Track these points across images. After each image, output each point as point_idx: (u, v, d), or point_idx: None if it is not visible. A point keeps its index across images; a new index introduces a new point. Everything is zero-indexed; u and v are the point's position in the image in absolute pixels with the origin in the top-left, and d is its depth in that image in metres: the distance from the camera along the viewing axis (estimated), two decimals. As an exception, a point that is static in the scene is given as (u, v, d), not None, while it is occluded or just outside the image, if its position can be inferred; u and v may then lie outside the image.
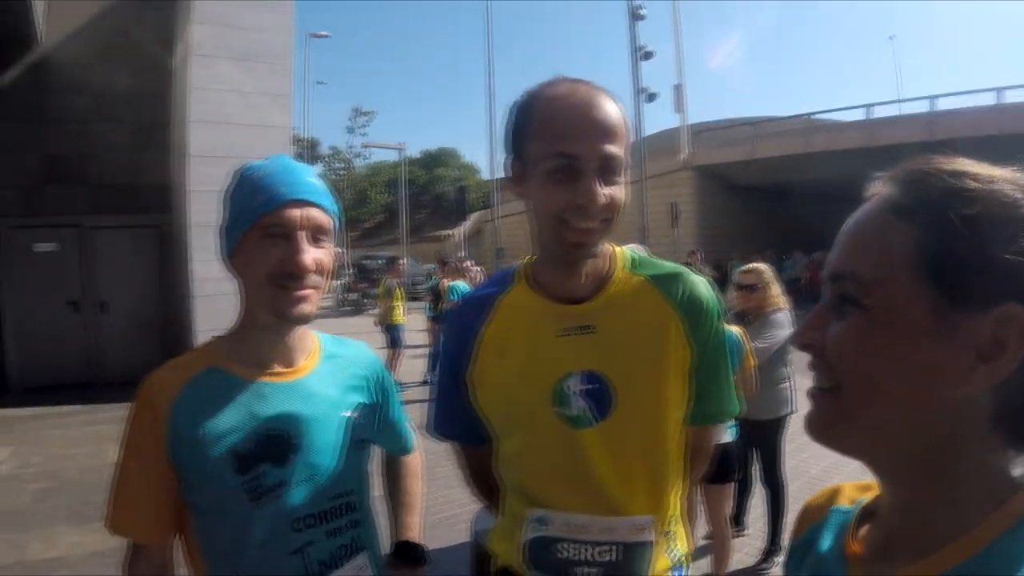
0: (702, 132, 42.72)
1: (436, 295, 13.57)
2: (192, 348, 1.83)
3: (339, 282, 28.44)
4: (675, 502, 1.80)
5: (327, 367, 1.78)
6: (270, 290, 1.58)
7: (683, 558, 1.83)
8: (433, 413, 1.98)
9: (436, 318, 13.39)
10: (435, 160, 77.48)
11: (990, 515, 0.78)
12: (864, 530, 0.95)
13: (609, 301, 1.73)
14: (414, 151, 68.51)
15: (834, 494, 1.09)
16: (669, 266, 1.81)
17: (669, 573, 1.77)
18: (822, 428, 0.86)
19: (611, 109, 1.63)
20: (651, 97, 29.53)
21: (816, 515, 1.08)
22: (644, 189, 27.74)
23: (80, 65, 11.72)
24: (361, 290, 27.05)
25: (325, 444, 1.67)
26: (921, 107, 33.68)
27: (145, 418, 1.58)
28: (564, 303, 1.74)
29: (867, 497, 1.00)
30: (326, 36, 38.78)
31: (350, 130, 50.22)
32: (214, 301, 10.49)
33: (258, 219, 1.57)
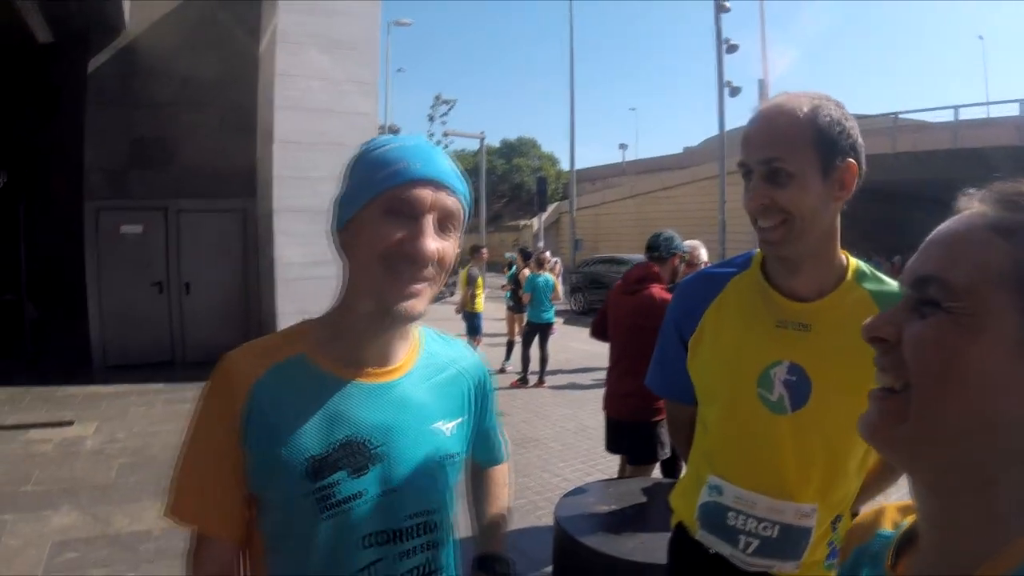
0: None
1: (516, 285, 13.57)
2: (275, 331, 1.63)
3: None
4: (846, 500, 1.93)
5: (424, 369, 1.59)
6: (381, 273, 1.38)
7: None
8: (652, 368, 2.27)
9: (515, 308, 13.40)
10: (514, 150, 77.72)
11: (1020, 535, 0.77)
12: (907, 555, 0.94)
13: (829, 306, 1.85)
14: (493, 140, 68.72)
15: (878, 516, 1.08)
16: (894, 286, 1.86)
17: (823, 560, 1.90)
18: (882, 429, 0.85)
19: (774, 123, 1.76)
20: (735, 91, 29.14)
21: (861, 538, 1.08)
22: (723, 184, 27.47)
23: (167, 50, 11.93)
24: (443, 278, 27.14)
25: (410, 457, 1.49)
26: (1011, 110, 32.55)
27: (221, 398, 1.43)
28: (788, 298, 1.88)
29: (908, 520, 0.98)
30: (408, 24, 38.89)
31: (431, 118, 50.16)
32: (297, 285, 10.67)
33: (383, 192, 1.38)
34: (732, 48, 28.38)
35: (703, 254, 5.90)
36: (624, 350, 5.10)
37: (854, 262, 1.93)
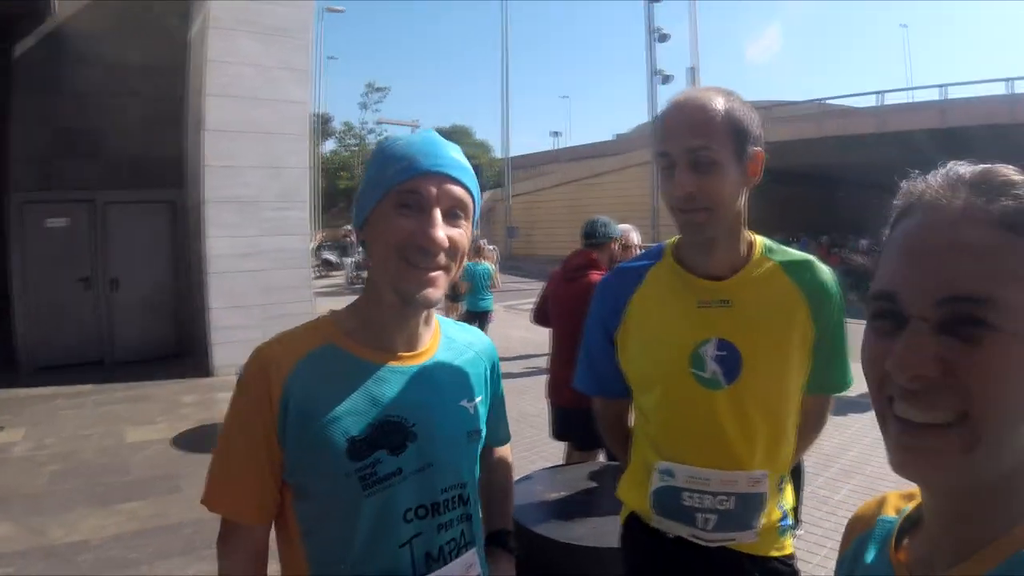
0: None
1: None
2: (302, 324, 1.67)
3: (351, 260, 28.35)
4: (787, 460, 2.05)
5: (446, 353, 1.68)
6: (396, 264, 1.46)
7: (790, 511, 2.08)
8: (579, 370, 2.29)
9: (452, 297, 13.30)
10: (447, 137, 75.50)
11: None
12: (908, 540, 0.94)
13: (744, 281, 1.95)
14: (427, 128, 68.83)
15: (880, 504, 1.08)
16: (798, 255, 2.04)
17: (779, 523, 2.02)
18: (937, 466, 0.77)
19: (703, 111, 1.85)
20: (666, 79, 29.46)
21: (862, 526, 1.08)
22: (655, 171, 27.76)
23: (95, 37, 11.57)
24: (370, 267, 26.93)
25: (442, 434, 1.57)
26: (932, 95, 33.52)
27: (256, 390, 1.47)
28: (705, 279, 1.97)
29: (910, 506, 0.99)
30: (341, 11, 38.44)
31: (363, 106, 49.90)
32: (228, 278, 10.49)
33: (392, 187, 1.46)
34: (664, 37, 28.75)
35: (635, 237, 5.94)
36: (567, 337, 5.00)
37: (759, 239, 2.05)
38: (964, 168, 0.82)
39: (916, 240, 0.80)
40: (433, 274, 1.47)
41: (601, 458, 5.15)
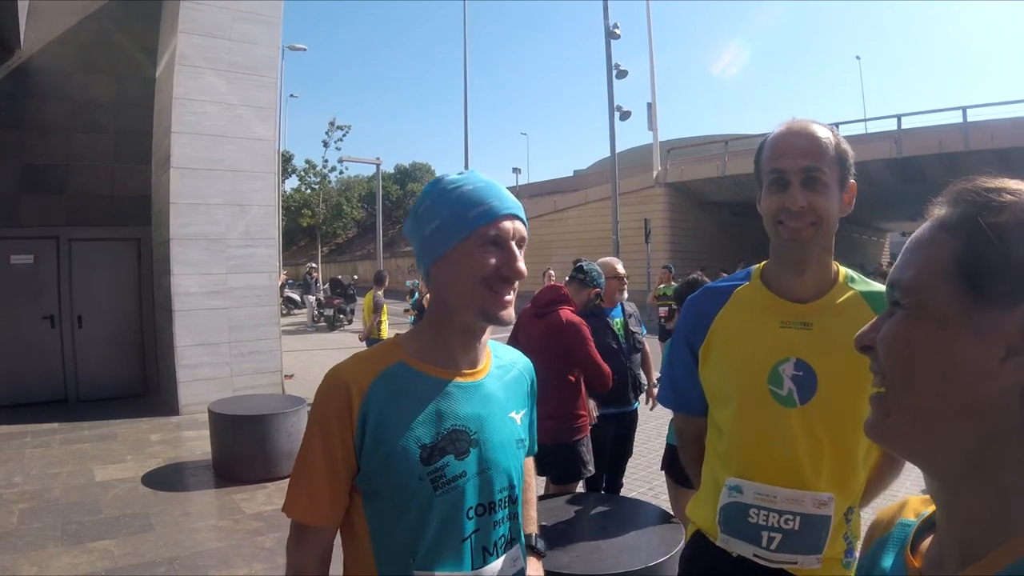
0: (675, 149, 42.92)
1: (420, 310, 13.43)
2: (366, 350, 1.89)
3: (313, 298, 28.14)
4: (856, 490, 2.08)
5: (497, 370, 1.90)
6: (482, 292, 1.68)
7: (856, 544, 2.08)
8: (661, 385, 2.45)
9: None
10: (408, 175, 77.84)
11: None
12: (925, 542, 0.99)
13: (826, 306, 2.06)
14: (388, 166, 68.48)
15: (900, 508, 1.12)
16: (879, 286, 2.10)
17: (843, 555, 2.05)
18: (874, 427, 0.92)
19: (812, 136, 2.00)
20: (625, 115, 29.63)
21: (882, 529, 1.12)
22: (616, 205, 27.94)
23: (61, 73, 11.56)
24: (336, 306, 26.74)
25: (498, 441, 1.77)
26: (888, 125, 33.95)
27: (336, 403, 1.66)
28: (789, 301, 2.08)
29: (929, 510, 1.04)
30: (303, 49, 38.36)
31: (325, 144, 49.77)
32: (195, 316, 10.44)
33: (476, 229, 1.68)
34: (622, 73, 28.87)
35: (621, 268, 6.06)
36: (538, 373, 4.98)
37: (843, 268, 2.14)
38: (959, 182, 0.91)
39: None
40: (510, 297, 1.72)
41: (579, 488, 5.23)
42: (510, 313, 1.73)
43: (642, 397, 6.22)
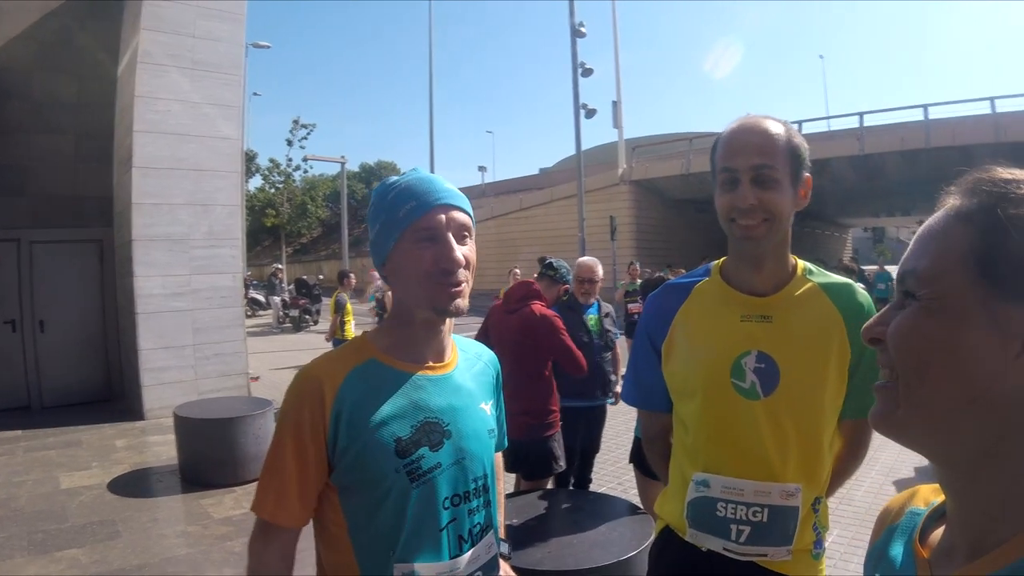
0: (640, 147, 43.13)
1: (383, 308, 13.36)
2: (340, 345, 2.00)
3: (278, 299, 27.89)
4: (823, 480, 2.11)
5: (465, 362, 1.93)
6: (428, 287, 1.71)
7: (824, 534, 2.13)
8: (625, 383, 2.47)
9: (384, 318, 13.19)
10: (373, 174, 76.96)
11: None
12: (934, 532, 0.98)
13: (786, 299, 2.08)
14: (353, 165, 68.09)
15: (911, 496, 1.12)
16: (838, 279, 2.16)
17: (812, 546, 2.08)
18: (882, 418, 0.90)
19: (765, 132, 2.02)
20: (590, 113, 29.73)
21: (893, 517, 1.11)
22: (582, 203, 28.01)
23: (21, 72, 11.32)
24: (302, 306, 26.52)
25: (470, 431, 1.81)
26: (851, 123, 34.48)
27: (308, 404, 1.67)
28: (749, 295, 2.10)
29: (939, 500, 1.03)
30: (267, 47, 37.98)
31: (289, 142, 49.30)
32: (159, 319, 10.27)
33: (408, 226, 1.71)
34: (588, 72, 28.96)
35: (599, 271, 6.07)
36: (511, 370, 5.00)
37: (800, 261, 2.18)
38: (974, 172, 0.89)
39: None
40: (459, 288, 1.72)
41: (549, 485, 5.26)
42: (461, 303, 1.74)
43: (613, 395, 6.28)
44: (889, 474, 7.40)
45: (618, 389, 6.50)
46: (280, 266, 35.20)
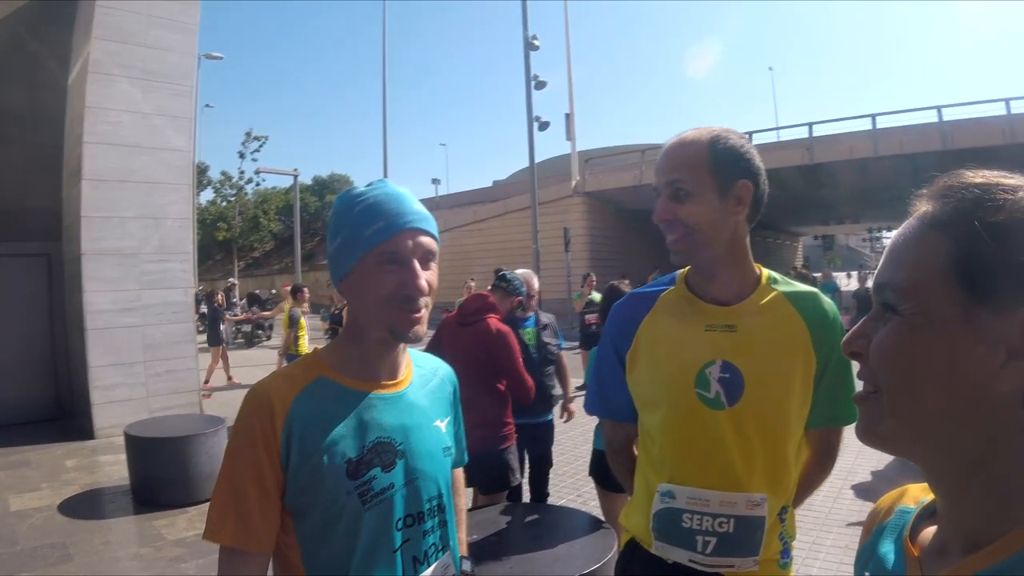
0: (592, 159, 43.40)
1: (338, 324, 13.21)
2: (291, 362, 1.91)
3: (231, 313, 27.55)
4: (789, 489, 2.09)
5: (419, 379, 1.89)
6: (388, 311, 1.67)
7: (791, 544, 2.12)
8: (589, 394, 2.44)
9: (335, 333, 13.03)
10: (327, 187, 76.12)
11: None
12: (924, 530, 0.99)
13: (750, 308, 2.07)
14: (306, 178, 67.64)
15: (900, 495, 1.13)
16: (803, 287, 2.16)
17: (779, 556, 2.06)
18: (867, 430, 0.91)
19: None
20: (543, 126, 29.84)
21: (882, 516, 1.12)
22: (536, 215, 28.08)
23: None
24: (254, 321, 26.19)
25: (423, 451, 1.77)
26: (800, 133, 35.24)
27: (260, 424, 1.61)
28: (713, 304, 2.09)
29: (929, 498, 1.03)
30: (220, 58, 37.62)
31: (241, 155, 48.94)
32: (109, 335, 10.04)
33: (374, 247, 1.66)
34: (541, 85, 29.12)
35: (536, 283, 6.13)
36: (465, 383, 4.94)
37: (765, 271, 2.17)
38: (945, 178, 0.90)
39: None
40: (419, 314, 1.69)
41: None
42: (419, 330, 1.71)
43: (557, 408, 6.27)
44: (847, 478, 7.56)
45: (571, 406, 6.58)
46: (234, 281, 34.79)
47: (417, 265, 1.68)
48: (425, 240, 1.72)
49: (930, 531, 0.97)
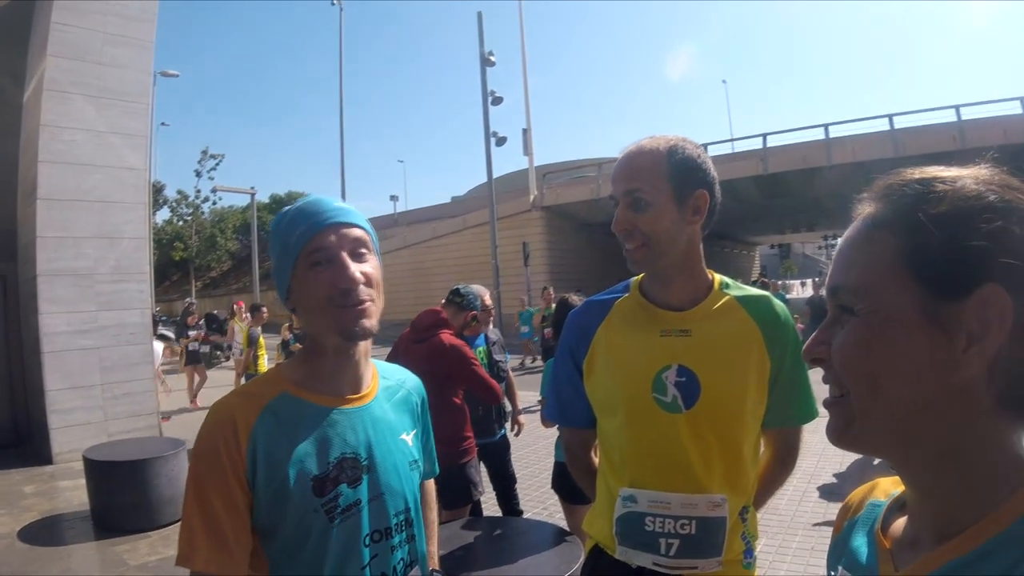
0: (550, 173, 43.55)
1: (302, 342, 13.11)
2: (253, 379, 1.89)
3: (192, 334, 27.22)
4: (748, 489, 2.14)
5: (385, 391, 1.88)
6: (331, 312, 1.65)
7: (754, 544, 2.17)
8: (548, 402, 2.51)
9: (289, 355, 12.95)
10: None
11: (1005, 501, 0.81)
12: (896, 522, 1.00)
13: (704, 313, 2.12)
14: (263, 196, 67.05)
15: (871, 489, 1.14)
16: (755, 291, 2.21)
17: (742, 556, 2.11)
18: (838, 433, 0.92)
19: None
20: (501, 141, 29.96)
21: (853, 511, 1.14)
22: (494, 230, 28.10)
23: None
24: (212, 341, 25.83)
25: (390, 465, 1.76)
26: (754, 144, 35.72)
27: (224, 443, 1.58)
28: (667, 310, 2.14)
29: (899, 490, 1.04)
30: (175, 75, 37.31)
31: (198, 173, 48.60)
32: (65, 357, 9.84)
33: (300, 252, 1.66)
34: (497, 100, 29.28)
35: (488, 299, 6.11)
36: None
37: (717, 276, 2.23)
38: (884, 178, 0.93)
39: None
40: (362, 307, 1.66)
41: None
42: (368, 323, 1.68)
43: (508, 424, 6.33)
44: (811, 481, 7.70)
45: (521, 419, 6.68)
46: (194, 301, 34.44)
47: (346, 257, 1.66)
48: (352, 231, 1.70)
49: (901, 523, 0.99)
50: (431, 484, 2.22)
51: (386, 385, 1.91)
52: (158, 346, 12.84)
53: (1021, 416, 0.84)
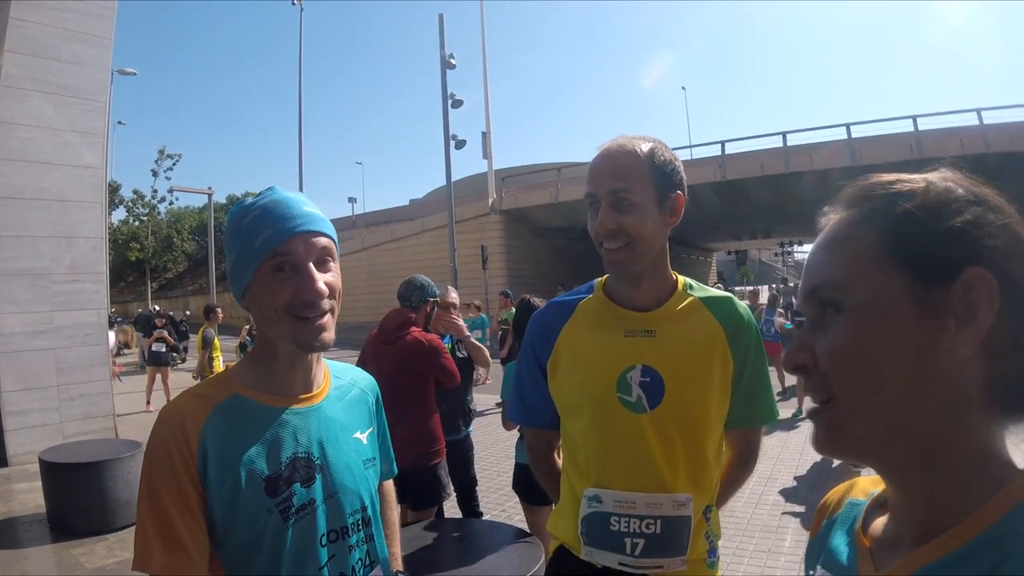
0: (509, 177, 43.63)
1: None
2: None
3: (144, 336, 26.96)
4: (712, 488, 2.15)
5: (337, 391, 1.87)
6: (289, 321, 1.63)
7: (717, 543, 2.19)
8: (511, 403, 2.47)
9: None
10: None
11: (988, 500, 0.82)
12: (875, 521, 1.00)
13: (668, 313, 2.13)
14: (220, 196, 66.42)
15: (850, 488, 1.14)
16: (718, 292, 2.24)
17: (706, 555, 2.13)
18: (829, 442, 0.91)
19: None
20: (460, 144, 30.00)
21: (832, 510, 1.13)
22: (453, 233, 28.12)
23: None
24: (170, 343, 25.57)
25: (343, 464, 1.75)
26: (713, 151, 35.98)
27: (175, 444, 1.56)
28: (631, 311, 2.14)
29: (879, 489, 1.05)
30: (133, 74, 36.88)
31: (155, 173, 47.98)
32: (21, 358, 9.68)
33: (265, 256, 1.62)
34: (457, 103, 29.29)
35: (454, 295, 6.01)
36: (394, 399, 4.95)
37: (681, 277, 2.25)
38: (853, 185, 0.94)
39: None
40: (323, 320, 1.65)
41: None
42: (326, 337, 1.66)
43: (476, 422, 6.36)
44: (767, 485, 7.78)
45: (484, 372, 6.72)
46: (158, 308, 34.17)
47: (313, 268, 1.64)
48: (319, 240, 1.67)
49: (881, 522, 0.98)
50: (390, 484, 2.23)
51: (338, 384, 1.90)
52: (111, 334, 12.69)
53: (1005, 411, 0.85)
